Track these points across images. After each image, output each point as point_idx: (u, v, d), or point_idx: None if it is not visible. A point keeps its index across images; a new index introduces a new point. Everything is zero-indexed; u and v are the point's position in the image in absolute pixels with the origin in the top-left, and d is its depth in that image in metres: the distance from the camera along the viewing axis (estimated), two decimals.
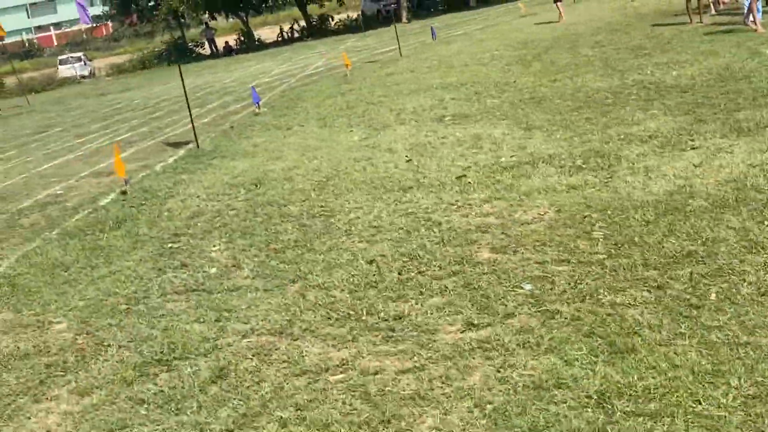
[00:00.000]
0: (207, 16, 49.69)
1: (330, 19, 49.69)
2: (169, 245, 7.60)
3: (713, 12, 17.96)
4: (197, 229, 8.01)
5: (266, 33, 54.39)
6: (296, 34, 50.14)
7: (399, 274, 5.69)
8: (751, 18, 14.27)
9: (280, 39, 50.89)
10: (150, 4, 47.72)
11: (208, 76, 31.55)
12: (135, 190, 10.51)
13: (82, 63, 51.23)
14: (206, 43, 49.66)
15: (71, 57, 52.61)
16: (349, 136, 11.55)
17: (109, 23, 68.25)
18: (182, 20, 50.98)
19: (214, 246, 7.30)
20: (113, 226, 8.65)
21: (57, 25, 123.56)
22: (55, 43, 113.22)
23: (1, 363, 5.42)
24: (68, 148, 16.79)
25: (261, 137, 13.05)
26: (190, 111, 13.52)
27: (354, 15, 52.02)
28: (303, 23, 49.73)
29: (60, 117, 25.22)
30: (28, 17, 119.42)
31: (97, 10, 56.30)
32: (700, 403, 3.59)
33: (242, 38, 49.31)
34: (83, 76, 49.02)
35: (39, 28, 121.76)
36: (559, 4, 23.10)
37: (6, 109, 33.07)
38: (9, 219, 10.37)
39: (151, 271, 6.88)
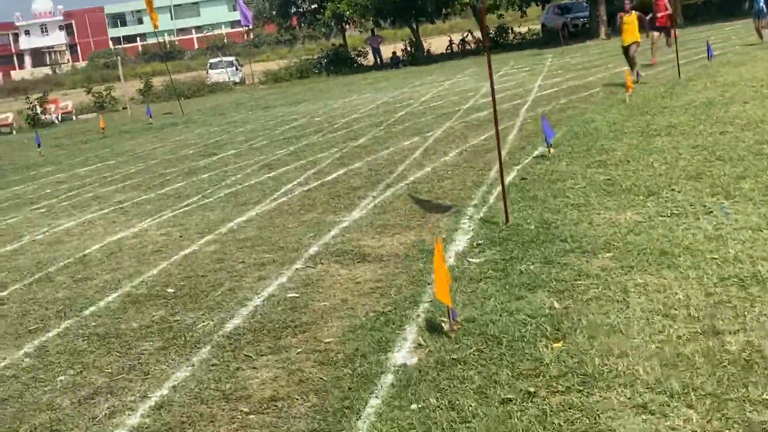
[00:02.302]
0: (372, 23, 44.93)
1: (510, 31, 44.10)
2: None
3: None
4: None
5: (435, 44, 49.17)
6: (467, 46, 44.88)
7: None
8: None
9: (449, 51, 45.72)
10: (313, 6, 43.17)
11: (391, 91, 26.46)
12: (470, 333, 5.11)
13: (234, 68, 47.35)
14: (370, 52, 44.81)
15: (223, 61, 48.83)
16: None
17: (253, 28, 64.23)
18: (346, 26, 46.40)
19: None
20: None
21: (199, 29, 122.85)
22: (196, 46, 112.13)
23: None
24: (260, 188, 11.74)
25: (611, 208, 7.61)
26: (500, 159, 8.09)
27: (534, 28, 46.38)
28: (477, 34, 44.33)
29: (226, 134, 20.49)
30: (172, 19, 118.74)
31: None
32: None
33: (410, 48, 44.24)
34: (235, 82, 45.06)
35: (181, 31, 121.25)
36: None
37: (158, 116, 28.79)
38: (227, 354, 5.15)
39: None
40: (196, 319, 6.29)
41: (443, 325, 5.33)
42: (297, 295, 6.55)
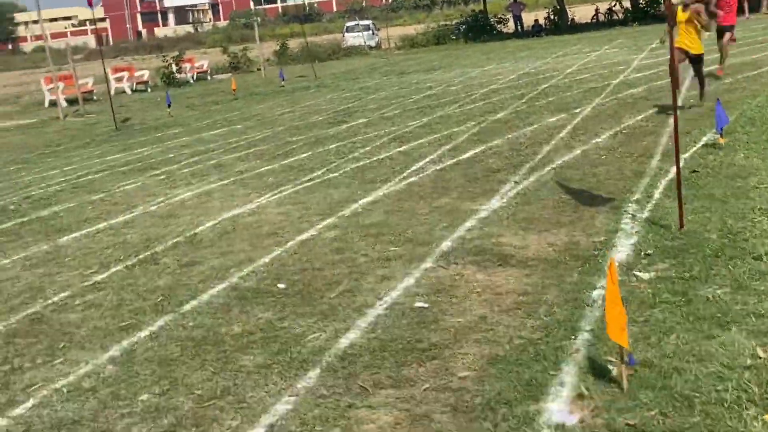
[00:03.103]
0: None
1: (661, 1, 41.37)
2: None
3: None
4: None
5: (579, 12, 46.95)
6: (615, 16, 42.59)
7: None
8: None
9: (594, 20, 43.51)
10: None
11: (533, 61, 24.98)
12: (648, 385, 3.91)
13: (371, 32, 46.54)
14: (511, 19, 43.09)
15: (360, 24, 48.07)
16: None
17: None
18: None
19: None
20: None
21: None
22: (335, 9, 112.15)
23: None
24: (389, 164, 10.78)
25: None
26: (677, 151, 6.76)
27: None
28: (626, 4, 41.96)
29: (358, 100, 19.59)
30: None
31: None
32: None
33: (553, 17, 42.29)
34: (370, 47, 44.24)
35: None
36: None
37: (291, 78, 28.22)
38: (339, 382, 4.17)
39: None
40: (306, 327, 5.33)
41: (611, 368, 4.15)
42: (426, 305, 5.50)
